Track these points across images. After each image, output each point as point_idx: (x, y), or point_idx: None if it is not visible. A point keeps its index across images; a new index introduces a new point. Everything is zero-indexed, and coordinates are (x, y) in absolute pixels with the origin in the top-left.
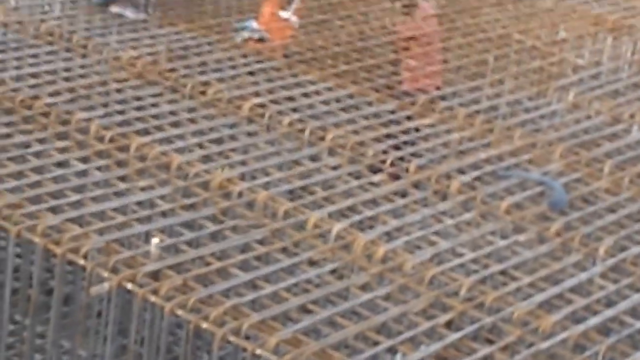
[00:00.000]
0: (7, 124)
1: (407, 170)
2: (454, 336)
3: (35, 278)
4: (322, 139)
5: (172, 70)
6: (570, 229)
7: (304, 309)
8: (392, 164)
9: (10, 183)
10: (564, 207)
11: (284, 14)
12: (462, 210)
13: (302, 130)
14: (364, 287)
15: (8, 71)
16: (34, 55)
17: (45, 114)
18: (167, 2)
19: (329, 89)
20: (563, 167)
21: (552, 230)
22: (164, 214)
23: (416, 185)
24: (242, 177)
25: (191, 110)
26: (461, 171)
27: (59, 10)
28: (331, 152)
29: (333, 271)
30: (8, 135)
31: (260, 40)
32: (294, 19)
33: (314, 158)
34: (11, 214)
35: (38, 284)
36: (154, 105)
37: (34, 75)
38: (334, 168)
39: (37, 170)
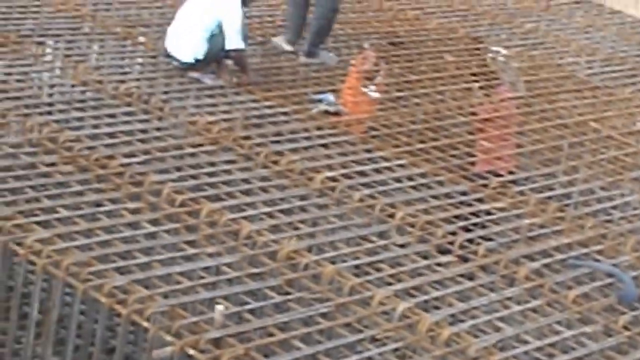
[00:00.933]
0: (81, 182)
1: (476, 253)
2: None
3: (99, 337)
4: (392, 216)
5: (247, 137)
6: (638, 323)
7: None
8: (461, 246)
9: (80, 241)
10: (634, 301)
11: (365, 89)
12: (529, 297)
13: (372, 207)
14: None
15: (85, 129)
16: (111, 115)
17: (119, 174)
18: (246, 69)
19: (402, 167)
20: (634, 260)
21: (620, 323)
22: (230, 282)
23: (484, 269)
24: (310, 249)
25: (263, 179)
26: (530, 258)
27: (138, 72)
28: (400, 230)
29: (396, 350)
30: (81, 193)
31: (337, 113)
32: (375, 94)
33: (382, 235)
34: (79, 271)
35: (101, 343)
36: (226, 171)
37: (110, 135)
38: (402, 246)
39: (108, 229)
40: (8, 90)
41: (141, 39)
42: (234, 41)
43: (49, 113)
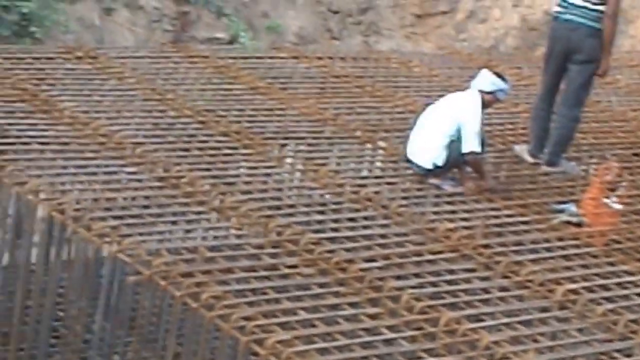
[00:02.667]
0: (321, 285)
1: None
2: None
3: None
4: (636, 332)
5: (487, 246)
6: None
7: None
8: None
9: (320, 344)
10: None
11: (607, 200)
12: None
13: (615, 322)
14: None
15: (326, 232)
16: (352, 219)
17: (359, 279)
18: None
19: None
20: None
21: None
22: None
23: None
24: None
25: (503, 289)
26: None
27: (378, 176)
28: None
29: None
30: (321, 296)
31: (578, 224)
32: (617, 206)
33: (626, 352)
34: None
35: None
36: (466, 280)
37: (350, 239)
38: None
39: (346, 334)
40: (252, 191)
41: (381, 143)
42: (470, 144)
43: (292, 215)
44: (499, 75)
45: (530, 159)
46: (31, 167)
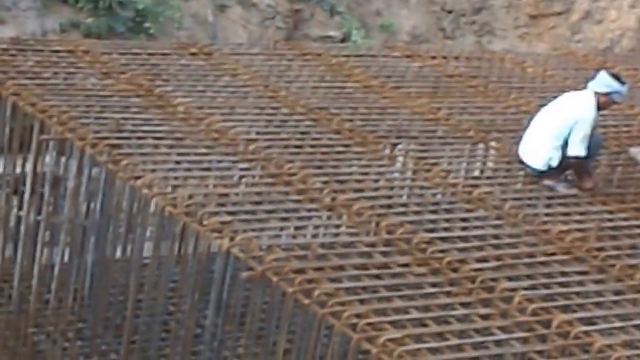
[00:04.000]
0: (433, 284)
1: None
2: None
3: None
4: None
5: (601, 249)
6: None
7: None
8: None
9: (431, 343)
10: None
11: None
12: None
13: None
14: None
15: (438, 232)
16: (464, 219)
17: (471, 279)
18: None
19: None
20: None
21: None
22: None
23: None
24: None
25: (617, 292)
26: None
27: (490, 177)
28: None
29: None
30: (432, 295)
31: None
32: None
33: None
34: None
35: None
36: (579, 282)
37: (462, 239)
38: None
39: (458, 334)
40: (364, 190)
41: (494, 143)
42: (576, 148)
43: (404, 214)
44: (617, 77)
45: None
46: (145, 161)
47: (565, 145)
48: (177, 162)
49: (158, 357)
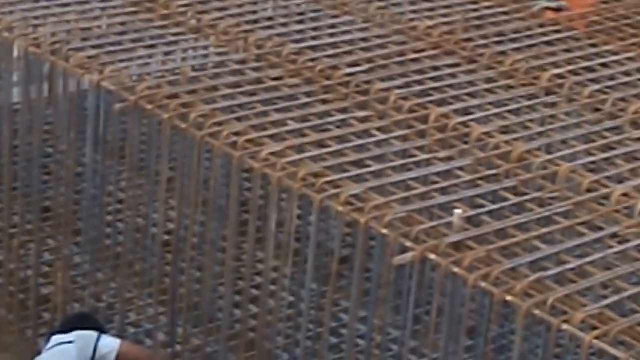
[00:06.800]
0: (308, 94)
1: None
2: None
3: (337, 248)
4: (624, 110)
5: (469, 40)
6: None
7: (611, 286)
8: None
9: (312, 152)
10: None
11: None
12: None
13: (603, 102)
14: None
15: (307, 42)
16: (332, 26)
17: (345, 84)
18: None
19: (631, 59)
20: None
21: None
22: (463, 186)
23: None
24: (542, 149)
25: (489, 80)
26: None
27: None
28: (634, 124)
29: (638, 247)
30: (308, 105)
31: (558, 10)
32: None
33: (616, 131)
34: (314, 182)
35: (339, 253)
36: (451, 75)
37: (332, 46)
38: (638, 140)
39: (338, 139)
40: (228, 8)
41: None
42: None
43: (271, 27)
44: None
45: None
46: (3, 4)
47: None
48: (36, 1)
49: (42, 200)
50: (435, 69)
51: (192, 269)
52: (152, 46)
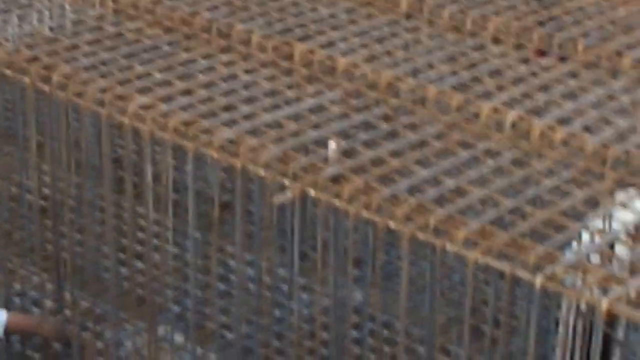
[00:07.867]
0: (170, 43)
1: (575, 50)
2: None
3: (216, 194)
4: (485, 28)
5: None
6: None
7: (489, 201)
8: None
9: (182, 101)
10: None
11: None
12: (636, 86)
13: (463, 21)
14: (547, 173)
15: None
16: None
17: (206, 29)
18: None
19: None
20: None
21: None
22: (336, 118)
23: (586, 66)
24: (409, 74)
25: (348, 11)
26: (631, 47)
27: None
28: (495, 40)
29: (513, 159)
30: (172, 54)
31: None
32: None
33: (478, 48)
34: (187, 131)
35: (218, 200)
36: (312, 9)
37: None
38: (501, 56)
39: (205, 85)
40: None
41: None
42: None
43: None
44: None
45: None
46: None
47: None
48: None
49: None
50: (295, 4)
51: (72, 232)
52: (6, 11)
